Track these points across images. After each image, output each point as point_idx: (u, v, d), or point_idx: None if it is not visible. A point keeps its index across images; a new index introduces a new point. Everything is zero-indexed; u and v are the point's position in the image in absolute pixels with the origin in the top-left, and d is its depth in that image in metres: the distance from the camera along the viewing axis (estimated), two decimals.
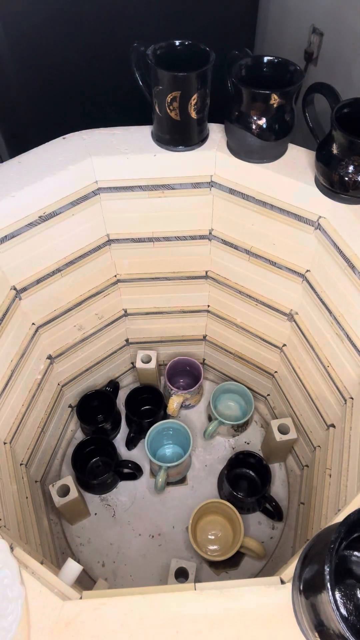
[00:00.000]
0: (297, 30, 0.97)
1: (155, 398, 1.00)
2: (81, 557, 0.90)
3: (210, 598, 0.46)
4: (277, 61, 0.64)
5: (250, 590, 0.46)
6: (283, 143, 0.68)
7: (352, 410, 0.70)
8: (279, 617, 0.44)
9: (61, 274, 0.78)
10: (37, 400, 0.86)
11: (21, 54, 0.98)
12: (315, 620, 0.40)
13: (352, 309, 0.67)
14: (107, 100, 1.09)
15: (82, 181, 0.70)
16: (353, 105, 0.60)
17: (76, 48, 1.01)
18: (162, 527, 0.92)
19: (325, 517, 0.71)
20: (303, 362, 0.84)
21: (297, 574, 0.43)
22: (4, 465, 0.74)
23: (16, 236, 0.68)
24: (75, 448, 0.92)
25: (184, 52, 0.65)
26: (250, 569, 0.88)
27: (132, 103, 0.81)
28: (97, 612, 0.45)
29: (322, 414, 0.81)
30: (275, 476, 0.97)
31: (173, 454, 0.97)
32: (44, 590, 0.46)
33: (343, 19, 0.83)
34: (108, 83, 1.07)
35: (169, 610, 0.45)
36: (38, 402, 0.86)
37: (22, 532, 0.70)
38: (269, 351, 0.92)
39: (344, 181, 0.61)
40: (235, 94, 0.65)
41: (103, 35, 1.01)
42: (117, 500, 0.95)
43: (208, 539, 0.87)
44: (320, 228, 0.68)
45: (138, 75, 0.67)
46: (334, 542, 0.37)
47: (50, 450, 0.95)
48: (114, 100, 1.07)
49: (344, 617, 0.38)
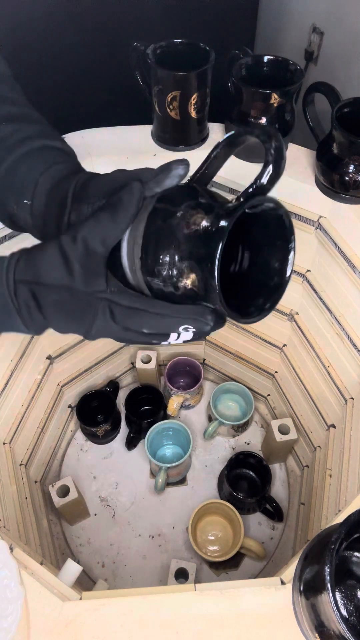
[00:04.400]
0: (298, 29, 0.96)
1: (155, 398, 1.00)
2: (81, 557, 0.90)
3: (210, 599, 0.46)
4: (277, 60, 0.64)
5: (250, 591, 0.46)
6: (283, 143, 0.68)
7: (353, 411, 0.70)
8: (279, 618, 0.44)
9: None
10: (37, 400, 0.86)
11: (20, 53, 0.98)
12: (316, 621, 0.39)
13: (353, 309, 0.67)
14: (107, 99, 1.09)
15: None
16: (353, 104, 0.60)
17: (76, 47, 1.01)
18: (162, 528, 0.92)
19: (325, 518, 0.71)
20: (303, 362, 0.84)
21: (297, 575, 0.43)
22: (4, 465, 0.74)
23: (16, 236, 0.68)
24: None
25: (184, 52, 0.65)
26: (251, 569, 0.87)
27: (132, 102, 0.81)
28: (96, 612, 0.45)
29: (323, 414, 0.81)
30: (276, 476, 0.97)
31: (173, 454, 0.96)
32: (44, 591, 0.46)
33: (343, 18, 0.83)
34: (108, 82, 1.07)
35: (168, 611, 0.45)
36: (38, 402, 0.86)
37: (21, 533, 0.70)
38: (269, 351, 0.92)
39: (344, 181, 0.61)
40: (235, 94, 0.64)
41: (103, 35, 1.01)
42: (117, 500, 0.95)
43: (208, 539, 0.87)
44: (321, 228, 0.68)
45: (138, 75, 0.67)
46: (335, 543, 0.37)
47: (50, 450, 0.95)
48: (114, 99, 1.07)
49: (345, 618, 0.37)
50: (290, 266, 0.38)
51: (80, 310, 0.37)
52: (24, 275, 0.37)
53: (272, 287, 0.39)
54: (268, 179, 0.38)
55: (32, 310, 0.38)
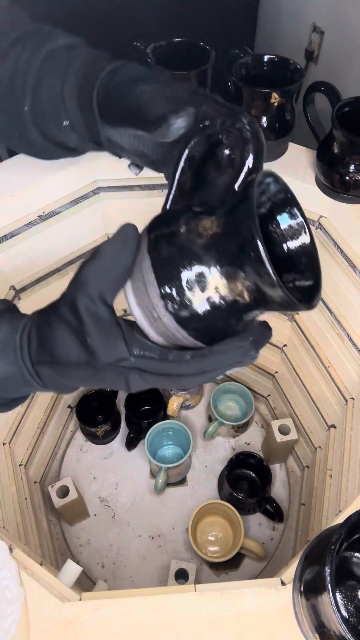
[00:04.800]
0: (298, 28, 0.96)
1: (155, 398, 1.00)
2: (81, 558, 0.89)
3: (211, 599, 0.46)
4: (277, 60, 0.64)
5: (250, 591, 0.46)
6: (283, 142, 0.68)
7: (353, 411, 0.70)
8: (279, 619, 0.44)
9: (60, 274, 0.78)
10: (36, 400, 0.86)
11: None
12: (316, 622, 0.39)
13: (353, 309, 0.67)
14: None
15: (82, 180, 0.70)
16: (354, 104, 0.60)
17: None
18: (162, 528, 0.91)
19: (325, 518, 0.71)
20: (304, 362, 0.84)
21: (297, 576, 0.43)
22: (3, 466, 0.74)
23: (15, 236, 0.68)
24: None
25: (184, 51, 0.65)
26: (251, 570, 0.87)
27: None
28: (96, 613, 0.45)
29: (323, 415, 0.81)
30: (276, 477, 0.97)
31: (173, 454, 0.96)
32: (44, 592, 0.46)
33: (344, 18, 0.83)
34: None
35: (169, 612, 0.45)
36: (37, 402, 0.86)
37: (21, 533, 0.69)
38: (270, 351, 0.92)
39: (344, 180, 0.61)
40: (235, 93, 0.64)
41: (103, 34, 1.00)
42: (117, 501, 0.94)
43: (208, 540, 0.87)
44: (321, 227, 0.68)
45: None
46: (335, 544, 0.37)
47: (50, 451, 0.94)
48: None
49: (345, 619, 0.37)
50: (308, 229, 0.34)
51: (109, 380, 0.34)
52: (41, 357, 0.34)
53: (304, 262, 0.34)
54: (254, 156, 0.34)
55: (61, 385, 0.35)
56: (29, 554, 0.50)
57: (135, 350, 0.32)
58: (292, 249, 0.34)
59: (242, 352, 0.31)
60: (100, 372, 0.33)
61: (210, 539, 0.87)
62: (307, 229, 0.34)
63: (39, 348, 0.34)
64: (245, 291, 0.30)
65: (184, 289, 0.30)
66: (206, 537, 0.87)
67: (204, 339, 0.32)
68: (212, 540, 0.87)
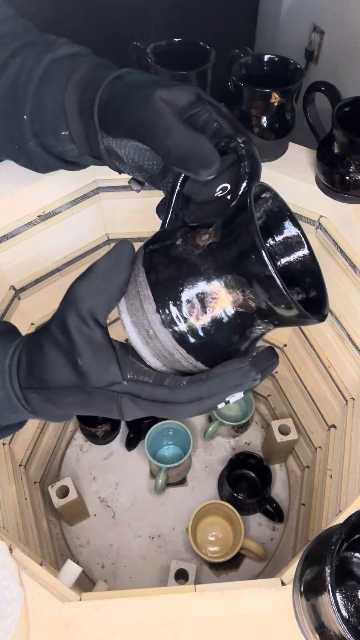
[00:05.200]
0: (298, 28, 0.96)
1: None
2: (80, 558, 0.89)
3: (211, 600, 0.45)
4: (277, 59, 0.64)
5: (250, 591, 0.46)
6: (283, 142, 0.68)
7: (353, 411, 0.70)
8: (279, 619, 0.44)
9: (60, 274, 0.78)
10: None
11: None
12: (316, 622, 0.39)
13: (353, 309, 0.67)
14: None
15: (82, 180, 0.70)
16: (354, 104, 0.60)
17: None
18: (162, 529, 0.91)
19: (326, 519, 0.71)
20: (304, 362, 0.84)
21: (297, 576, 0.43)
22: (3, 466, 0.74)
23: (15, 235, 0.68)
24: None
25: (184, 51, 0.65)
26: (251, 570, 0.87)
27: None
28: (96, 613, 0.45)
29: (323, 415, 0.81)
30: (276, 477, 0.97)
31: (173, 454, 0.96)
32: (43, 592, 0.46)
33: (344, 18, 0.83)
34: None
35: (169, 612, 0.45)
36: None
37: (21, 534, 0.69)
38: None
39: (345, 180, 0.61)
40: (235, 93, 0.64)
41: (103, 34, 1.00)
42: (117, 501, 0.94)
43: (208, 540, 0.87)
44: (321, 227, 0.68)
45: None
46: (335, 544, 0.37)
47: (50, 451, 0.94)
48: None
49: (345, 619, 0.37)
50: (306, 239, 0.34)
51: (101, 406, 0.32)
52: (30, 383, 0.33)
53: (305, 276, 0.34)
54: (248, 178, 0.34)
55: (50, 413, 0.34)
56: (28, 554, 0.50)
57: (129, 374, 0.31)
58: (291, 263, 0.34)
59: (241, 373, 0.29)
60: (91, 397, 0.31)
61: (210, 539, 0.87)
62: (306, 241, 0.34)
63: (28, 372, 0.33)
64: (248, 302, 0.28)
65: (182, 302, 0.29)
66: (206, 537, 0.87)
67: (204, 358, 0.31)
68: (212, 540, 0.87)
